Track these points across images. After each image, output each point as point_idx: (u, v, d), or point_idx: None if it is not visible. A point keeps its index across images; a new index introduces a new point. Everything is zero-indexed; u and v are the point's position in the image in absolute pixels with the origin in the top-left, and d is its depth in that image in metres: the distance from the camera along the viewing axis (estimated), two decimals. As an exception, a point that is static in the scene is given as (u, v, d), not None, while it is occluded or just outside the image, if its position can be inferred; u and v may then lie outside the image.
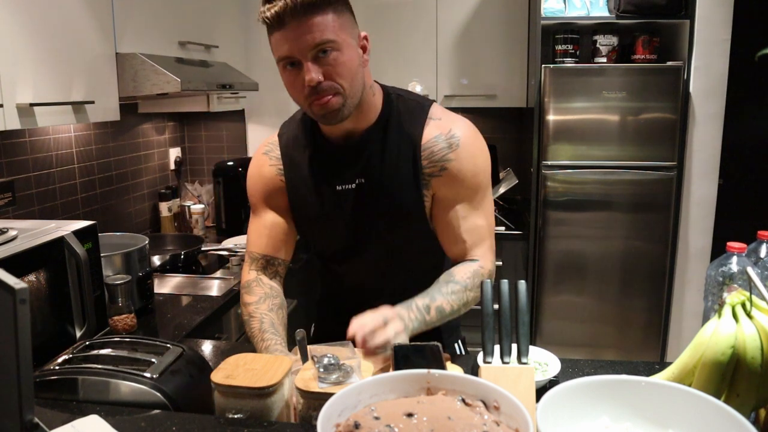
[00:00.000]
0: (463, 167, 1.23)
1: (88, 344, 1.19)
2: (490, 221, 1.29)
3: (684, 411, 0.79)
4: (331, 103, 1.13)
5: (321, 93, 1.11)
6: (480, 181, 1.26)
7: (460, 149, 1.23)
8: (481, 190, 1.27)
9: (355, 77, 1.15)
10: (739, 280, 1.08)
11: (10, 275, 0.79)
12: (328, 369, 1.00)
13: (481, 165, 1.26)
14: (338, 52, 1.11)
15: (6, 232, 1.38)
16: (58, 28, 1.73)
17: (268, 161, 1.34)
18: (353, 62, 1.14)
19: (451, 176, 1.23)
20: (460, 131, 1.25)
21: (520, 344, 1.02)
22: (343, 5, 1.14)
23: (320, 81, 1.10)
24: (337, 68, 1.11)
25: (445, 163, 1.23)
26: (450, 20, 3.02)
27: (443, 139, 1.24)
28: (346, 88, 1.13)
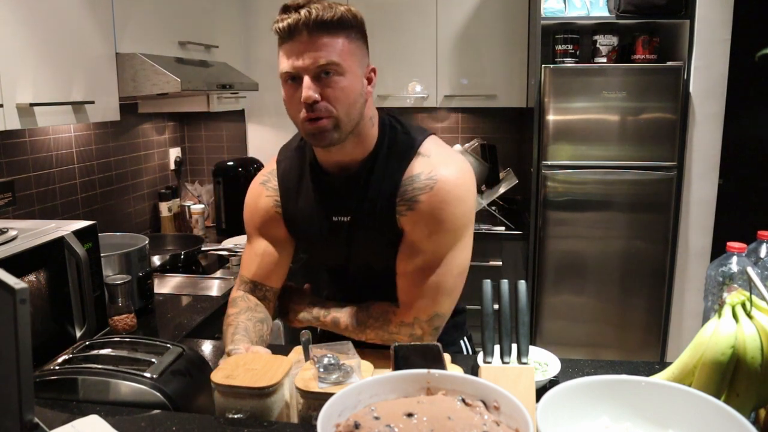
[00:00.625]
0: (429, 212, 1.16)
1: (88, 344, 1.19)
2: (442, 279, 1.19)
3: (684, 411, 0.79)
4: (322, 125, 1.11)
5: (315, 112, 1.10)
6: (444, 232, 1.17)
7: (433, 192, 1.16)
8: (446, 241, 1.18)
9: (353, 106, 1.13)
10: (739, 280, 1.08)
11: (10, 275, 0.79)
12: (328, 369, 1.01)
13: (450, 217, 1.16)
14: (340, 77, 1.10)
15: (6, 232, 1.38)
16: (58, 28, 1.73)
17: (265, 192, 1.34)
18: (354, 90, 1.12)
19: (416, 218, 1.17)
20: (443, 173, 1.17)
21: (520, 344, 1.02)
22: (357, 32, 1.14)
23: (316, 100, 1.09)
24: (336, 92, 1.10)
25: (414, 204, 1.17)
26: (450, 20, 3.02)
27: (422, 178, 1.18)
28: (341, 114, 1.11)
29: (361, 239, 1.25)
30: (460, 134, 3.44)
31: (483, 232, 2.90)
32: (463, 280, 1.25)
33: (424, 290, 1.20)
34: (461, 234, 1.20)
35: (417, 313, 1.21)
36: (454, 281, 1.22)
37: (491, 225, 2.95)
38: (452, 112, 3.42)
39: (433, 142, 1.24)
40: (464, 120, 3.43)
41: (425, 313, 1.21)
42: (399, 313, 1.22)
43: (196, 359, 1.18)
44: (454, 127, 3.45)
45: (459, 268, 1.22)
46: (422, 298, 1.20)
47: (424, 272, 1.20)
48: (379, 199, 1.20)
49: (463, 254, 1.22)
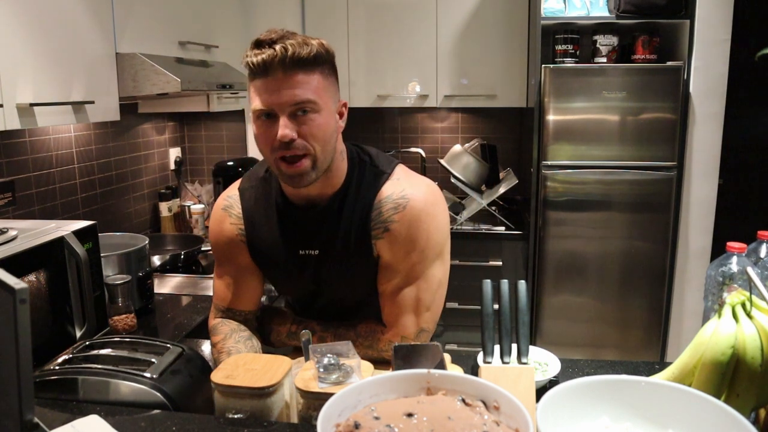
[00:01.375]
0: (405, 231, 1.17)
1: (88, 344, 1.19)
2: (422, 295, 1.21)
3: (684, 411, 0.79)
4: (301, 167, 1.11)
5: (291, 150, 1.09)
6: (420, 250, 1.18)
7: (405, 212, 1.17)
8: (422, 260, 1.19)
9: (328, 142, 1.13)
10: (739, 280, 1.08)
11: (10, 275, 0.79)
12: (328, 369, 1.01)
13: (426, 232, 1.18)
14: (316, 114, 1.09)
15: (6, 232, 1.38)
16: (58, 28, 1.73)
17: (228, 219, 1.31)
18: (329, 127, 1.12)
19: (392, 239, 1.18)
20: (414, 193, 1.18)
21: (520, 344, 1.02)
22: (330, 69, 1.14)
23: (293, 138, 1.08)
24: (313, 129, 1.09)
25: (389, 224, 1.18)
26: (450, 20, 3.02)
27: (393, 199, 1.18)
28: (318, 151, 1.11)
29: (330, 273, 1.25)
30: (460, 134, 3.44)
31: (483, 232, 2.90)
32: (444, 294, 1.26)
33: (405, 308, 1.22)
34: (438, 250, 1.21)
35: (403, 331, 1.23)
36: (433, 296, 1.23)
37: (491, 225, 2.95)
38: (452, 112, 3.42)
39: (402, 169, 1.25)
40: (464, 120, 3.43)
41: (410, 331, 1.23)
42: (387, 333, 1.24)
43: (196, 359, 1.18)
44: (454, 127, 3.45)
45: (438, 284, 1.23)
46: (405, 315, 1.22)
47: (405, 291, 1.21)
48: (352, 229, 1.20)
49: (441, 269, 1.23)
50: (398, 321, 1.23)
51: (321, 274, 1.26)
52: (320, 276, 1.26)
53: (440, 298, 1.26)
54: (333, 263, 1.24)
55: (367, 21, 3.06)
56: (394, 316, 1.23)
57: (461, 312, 2.95)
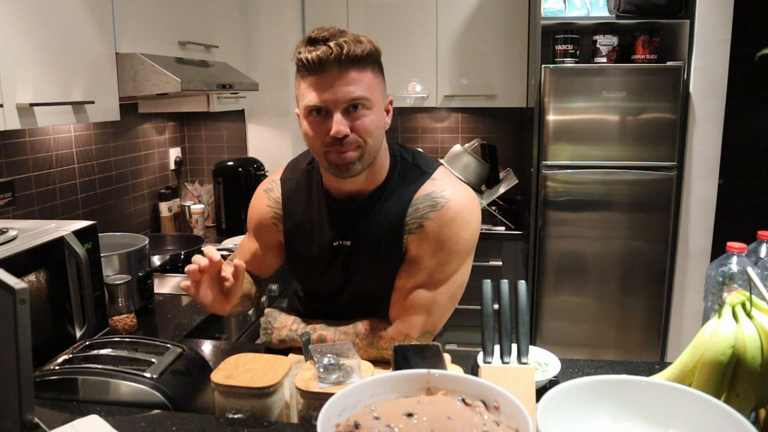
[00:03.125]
0: (437, 230, 1.18)
1: (88, 344, 1.19)
2: (437, 299, 1.21)
3: (684, 411, 0.79)
4: (348, 156, 1.12)
5: (345, 146, 1.11)
6: (449, 251, 1.19)
7: (442, 211, 1.18)
8: (450, 260, 1.20)
9: (377, 137, 1.15)
10: (739, 280, 1.08)
11: (10, 275, 0.79)
12: (328, 369, 1.01)
13: (459, 236, 1.19)
14: (368, 111, 1.12)
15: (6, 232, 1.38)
16: (58, 28, 1.73)
17: (266, 201, 1.35)
18: (379, 122, 1.15)
19: (423, 235, 1.19)
20: (453, 196, 1.20)
21: (520, 344, 1.02)
22: (379, 67, 1.17)
23: (347, 134, 1.10)
24: (365, 125, 1.12)
25: (423, 221, 1.19)
26: (450, 20, 3.02)
27: (432, 197, 1.20)
28: (368, 145, 1.13)
29: (359, 266, 1.25)
30: (460, 134, 3.44)
31: (483, 232, 2.87)
32: (457, 301, 1.27)
33: (418, 307, 1.21)
34: (464, 256, 1.22)
35: (409, 329, 1.22)
36: (449, 301, 1.24)
37: (491, 225, 2.95)
38: (452, 112, 3.42)
39: (444, 170, 1.26)
40: (464, 120, 3.43)
41: (417, 331, 1.22)
42: (390, 331, 1.23)
43: (196, 359, 1.18)
44: (454, 127, 3.45)
45: (457, 289, 1.24)
46: (417, 315, 1.21)
47: (422, 290, 1.21)
48: (386, 222, 1.21)
49: (462, 276, 1.24)
50: (407, 319, 1.22)
51: (350, 265, 1.26)
52: (349, 268, 1.26)
53: (453, 304, 1.26)
54: (364, 255, 1.24)
55: (367, 21, 3.06)
56: (404, 313, 1.22)
57: (461, 312, 2.92)
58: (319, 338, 1.26)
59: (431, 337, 1.25)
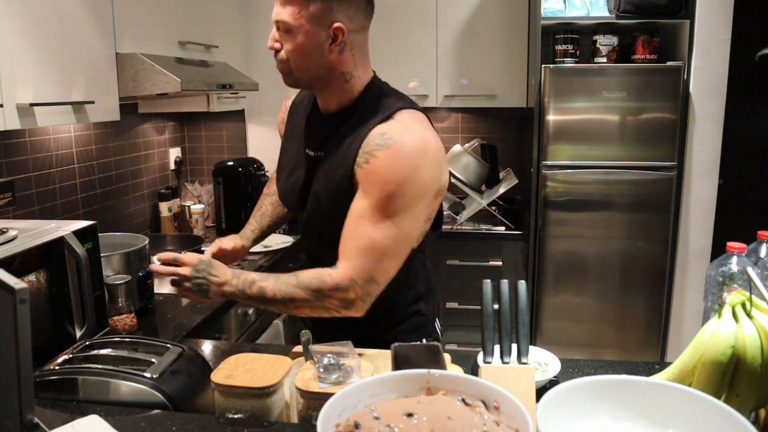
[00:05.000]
0: (381, 168, 1.18)
1: (88, 344, 1.19)
2: (381, 241, 1.18)
3: (684, 411, 0.79)
4: (281, 68, 1.27)
5: (275, 56, 1.26)
6: (391, 192, 1.17)
7: (389, 150, 1.18)
8: (390, 203, 1.18)
9: (305, 59, 1.23)
10: (739, 280, 1.08)
11: (10, 275, 0.79)
12: (328, 369, 1.01)
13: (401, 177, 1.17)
14: (289, 35, 1.22)
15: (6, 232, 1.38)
16: (58, 28, 1.73)
17: (284, 109, 1.52)
18: (304, 47, 1.22)
19: (371, 170, 1.20)
20: (404, 138, 1.19)
21: (520, 344, 1.02)
22: None
23: (276, 49, 1.25)
24: (287, 46, 1.23)
25: (370, 157, 1.20)
26: (450, 20, 3.02)
27: (384, 137, 1.21)
28: (292, 65, 1.24)
29: (323, 178, 1.31)
30: (460, 134, 3.44)
31: (483, 232, 2.90)
32: (406, 253, 1.24)
33: (361, 247, 1.19)
34: (411, 202, 1.19)
35: (355, 272, 1.19)
36: (396, 247, 1.20)
37: (491, 225, 2.95)
38: (452, 112, 3.43)
39: (412, 115, 1.25)
40: (464, 120, 3.43)
41: (363, 274, 1.19)
42: (335, 275, 1.20)
43: (196, 359, 1.18)
44: (454, 127, 3.45)
45: (403, 237, 1.21)
46: (362, 257, 1.19)
47: (365, 229, 1.19)
48: (348, 146, 1.26)
49: (409, 223, 1.21)
50: (353, 259, 1.19)
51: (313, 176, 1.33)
52: (314, 176, 1.33)
53: (402, 254, 1.23)
54: (326, 165, 1.30)
55: (367, 21, 3.05)
56: (347, 251, 1.20)
57: (461, 312, 2.95)
58: (259, 291, 1.21)
59: (377, 287, 1.21)
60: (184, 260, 1.24)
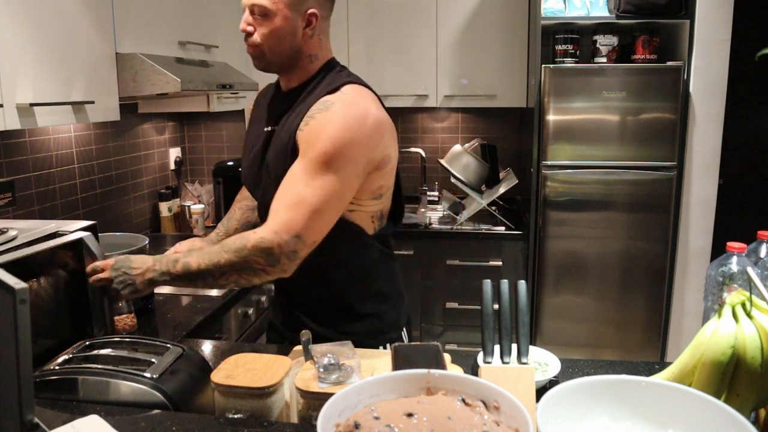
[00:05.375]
0: (317, 127, 1.22)
1: (88, 344, 1.19)
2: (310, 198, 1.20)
3: (684, 411, 0.79)
4: (251, 52, 1.32)
5: (247, 40, 1.31)
6: (324, 150, 1.20)
7: (326, 112, 1.23)
8: (323, 161, 1.20)
9: (280, 42, 1.29)
10: (739, 280, 1.08)
11: (10, 275, 0.79)
12: (328, 369, 1.01)
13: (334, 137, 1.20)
14: (265, 18, 1.27)
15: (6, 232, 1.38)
16: (58, 28, 1.73)
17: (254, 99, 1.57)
18: (281, 30, 1.27)
19: (307, 131, 1.24)
20: (344, 104, 1.24)
21: (520, 344, 1.02)
22: None
23: (249, 32, 1.29)
24: (261, 29, 1.28)
25: (309, 119, 1.25)
26: (450, 20, 3.02)
27: (326, 102, 1.26)
28: (265, 48, 1.29)
29: (273, 150, 1.34)
30: (460, 134, 3.44)
31: (483, 232, 2.90)
32: (334, 219, 1.25)
33: (292, 203, 1.20)
34: (343, 163, 1.21)
35: (280, 225, 1.19)
36: (323, 206, 1.21)
37: (491, 225, 2.95)
38: (452, 112, 3.43)
39: (358, 89, 1.30)
40: (464, 120, 3.43)
41: (288, 228, 1.19)
42: (259, 231, 1.20)
43: (196, 359, 1.18)
44: (454, 127, 3.45)
45: (334, 197, 1.21)
46: (289, 211, 1.20)
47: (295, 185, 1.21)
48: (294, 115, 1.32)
49: (340, 185, 1.22)
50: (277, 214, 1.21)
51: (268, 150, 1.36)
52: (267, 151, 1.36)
53: (330, 217, 1.24)
54: (276, 140, 1.34)
55: (367, 21, 3.06)
56: (277, 208, 1.22)
57: (461, 312, 2.95)
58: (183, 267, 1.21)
59: (303, 246, 1.21)
60: (100, 265, 1.27)
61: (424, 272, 2.94)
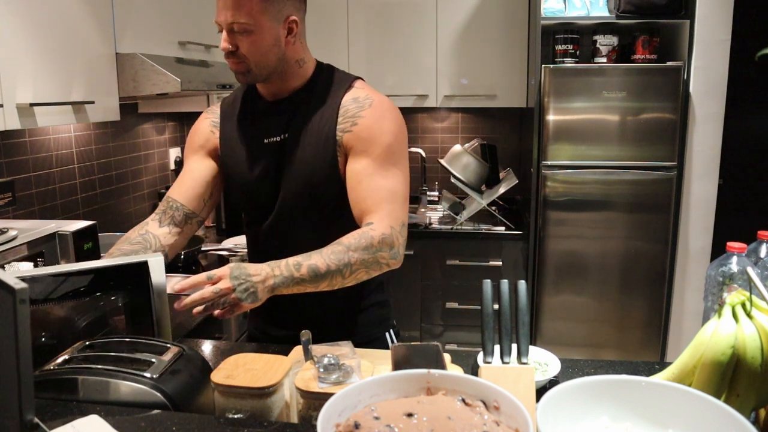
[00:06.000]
0: (371, 123, 1.29)
1: (88, 344, 1.19)
2: (397, 187, 1.29)
3: (684, 411, 0.79)
4: (237, 68, 1.29)
5: (230, 58, 1.28)
6: (388, 143, 1.29)
7: (371, 109, 1.30)
8: (390, 151, 1.29)
9: (265, 55, 1.27)
10: (739, 280, 1.08)
11: (11, 275, 0.79)
12: (328, 369, 1.01)
13: (391, 129, 1.30)
14: (248, 33, 1.24)
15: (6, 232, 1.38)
16: (58, 28, 1.73)
17: (206, 116, 1.46)
18: (264, 43, 1.26)
19: (360, 130, 1.29)
20: (376, 98, 1.33)
21: (520, 344, 1.02)
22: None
23: (231, 50, 1.26)
24: (245, 46, 1.25)
25: (357, 119, 1.30)
26: (450, 20, 3.02)
27: (359, 100, 1.32)
28: (252, 62, 1.27)
29: (296, 157, 1.32)
30: (460, 134, 3.44)
31: (483, 232, 2.90)
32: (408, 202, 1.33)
33: (386, 199, 1.27)
34: (404, 147, 1.33)
35: (390, 219, 1.26)
36: (405, 192, 1.31)
37: (491, 225, 2.95)
38: (452, 112, 3.43)
39: (364, 83, 1.39)
40: (464, 120, 3.43)
41: (397, 220, 1.27)
42: (377, 228, 1.24)
43: (196, 359, 1.18)
44: (454, 127, 3.45)
45: (407, 181, 1.32)
46: (389, 204, 1.26)
47: (380, 181, 1.27)
48: (319, 118, 1.32)
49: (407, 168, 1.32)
50: (381, 212, 1.26)
51: (286, 161, 1.33)
52: (285, 164, 1.33)
53: (408, 201, 1.32)
54: (300, 147, 1.32)
55: (367, 21, 3.06)
56: (375, 207, 1.26)
57: (461, 312, 2.95)
58: (309, 270, 1.18)
59: (406, 232, 1.30)
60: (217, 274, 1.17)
61: (424, 272, 2.94)
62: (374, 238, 1.22)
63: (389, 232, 1.24)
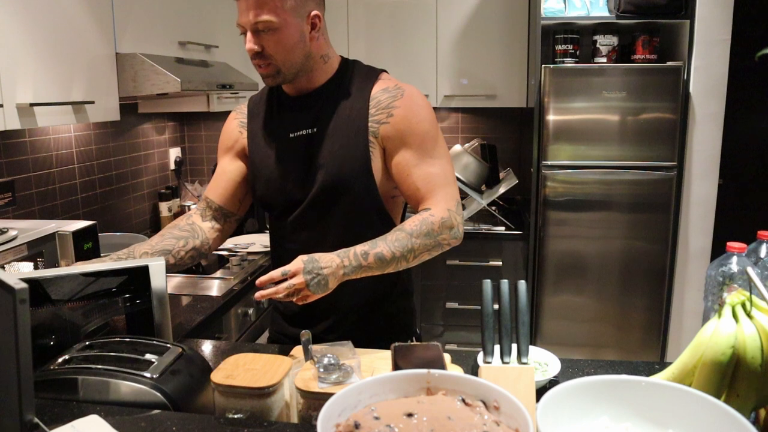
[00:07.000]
0: (408, 113, 1.31)
1: (88, 344, 1.19)
2: (444, 170, 1.33)
3: (684, 411, 0.79)
4: (265, 71, 1.29)
5: (257, 59, 1.28)
6: (427, 129, 1.31)
7: (404, 98, 1.32)
8: (430, 138, 1.32)
9: (291, 52, 1.27)
10: (739, 280, 1.08)
11: (11, 275, 0.79)
12: (328, 369, 1.01)
13: (426, 116, 1.33)
14: (274, 32, 1.24)
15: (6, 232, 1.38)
16: (58, 28, 1.73)
17: (234, 116, 1.48)
18: (290, 40, 1.26)
19: (397, 121, 1.31)
20: (405, 87, 1.34)
21: (520, 344, 1.02)
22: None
23: (257, 51, 1.26)
24: (272, 44, 1.25)
25: (392, 110, 1.31)
26: (450, 20, 3.02)
27: (390, 90, 1.33)
28: (279, 61, 1.27)
29: (327, 149, 1.33)
30: (460, 134, 3.44)
31: (483, 232, 2.90)
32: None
33: (439, 182, 1.31)
34: (437, 135, 1.34)
35: (447, 202, 1.30)
36: (453, 174, 1.35)
37: (491, 225, 2.95)
38: (452, 112, 3.43)
39: (389, 75, 1.41)
40: (464, 120, 3.43)
41: (452, 201, 1.31)
42: (435, 212, 1.28)
43: (196, 359, 1.18)
44: (454, 127, 3.45)
45: (450, 162, 1.35)
46: (443, 188, 1.31)
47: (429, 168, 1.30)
48: (349, 110, 1.33)
49: (446, 151, 1.36)
50: (438, 196, 1.30)
51: (314, 150, 1.34)
52: (313, 152, 1.34)
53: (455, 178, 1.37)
54: (330, 139, 1.33)
55: (367, 21, 3.06)
56: (431, 192, 1.30)
57: (461, 312, 2.95)
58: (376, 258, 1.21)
59: (462, 211, 1.34)
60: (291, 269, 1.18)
61: (424, 272, 2.94)
62: (434, 224, 1.27)
63: (447, 215, 1.28)
